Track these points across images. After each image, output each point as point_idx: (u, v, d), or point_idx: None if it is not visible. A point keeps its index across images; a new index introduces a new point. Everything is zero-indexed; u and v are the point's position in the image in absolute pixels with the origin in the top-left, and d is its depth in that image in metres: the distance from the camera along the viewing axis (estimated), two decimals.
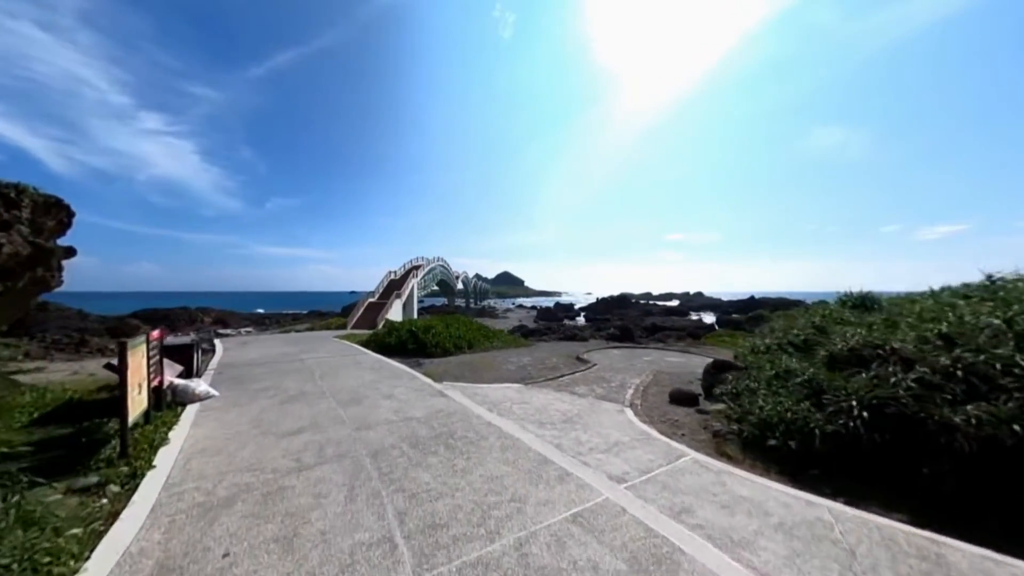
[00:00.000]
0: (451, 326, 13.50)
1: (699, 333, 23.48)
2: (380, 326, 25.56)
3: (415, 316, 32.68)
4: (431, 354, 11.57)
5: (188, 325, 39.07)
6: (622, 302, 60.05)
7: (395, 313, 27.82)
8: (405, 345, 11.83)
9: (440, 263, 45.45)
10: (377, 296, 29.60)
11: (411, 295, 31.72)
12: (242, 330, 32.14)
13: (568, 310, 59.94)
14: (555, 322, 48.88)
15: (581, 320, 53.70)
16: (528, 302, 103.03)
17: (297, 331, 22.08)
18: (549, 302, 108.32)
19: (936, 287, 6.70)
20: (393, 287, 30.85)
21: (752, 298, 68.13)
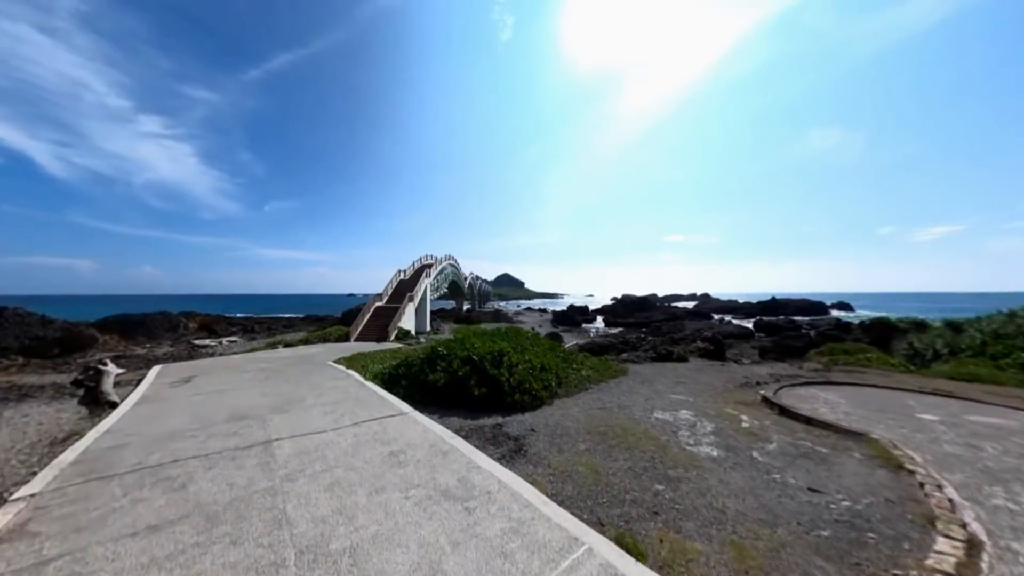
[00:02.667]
0: (526, 350, 8.19)
1: (791, 346, 18.36)
2: (392, 336, 20.16)
3: (428, 323, 27.30)
4: (517, 406, 6.27)
5: (168, 332, 33.43)
6: (643, 304, 55.00)
7: (408, 319, 22.48)
8: (464, 387, 6.50)
9: (450, 262, 40.10)
10: (386, 299, 24.21)
11: (424, 298, 26.44)
12: (224, 340, 26.58)
13: (584, 312, 54.88)
14: (575, 326, 43.77)
15: (600, 323, 48.64)
16: (536, 304, 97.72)
17: (287, 344, 16.62)
18: (552, 304, 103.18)
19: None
20: (404, 288, 25.48)
21: (774, 299, 63.52)
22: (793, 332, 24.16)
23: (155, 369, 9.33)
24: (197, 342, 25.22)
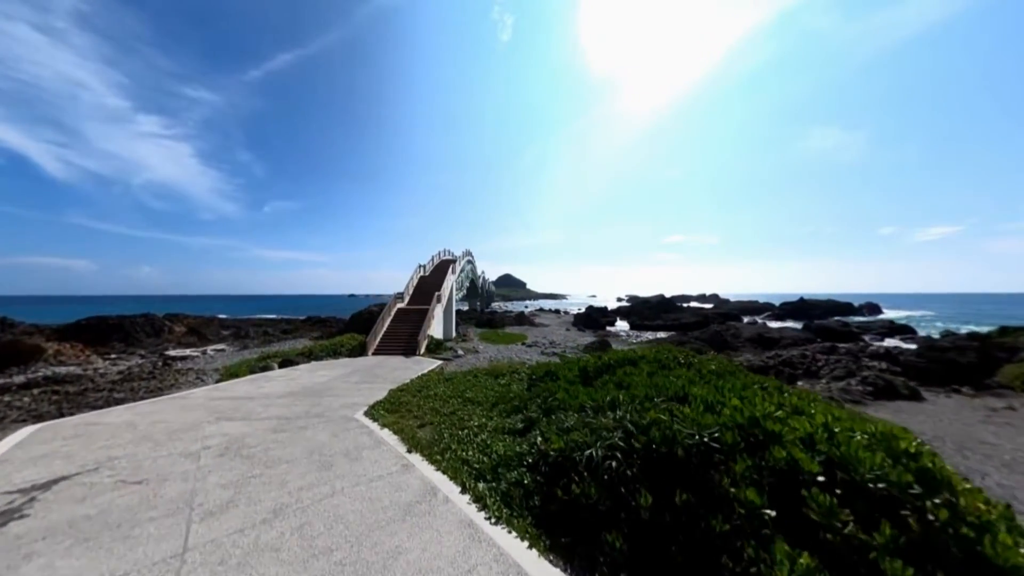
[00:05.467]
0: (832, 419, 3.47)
1: (954, 361, 13.69)
2: (423, 348, 15.21)
3: (454, 328, 22.43)
4: None
5: (150, 337, 28.34)
6: (668, 305, 50.40)
7: (437, 325, 17.67)
8: None
9: (468, 259, 35.26)
10: (407, 300, 19.32)
11: (450, 300, 21.61)
12: (209, 348, 21.59)
13: (605, 314, 50.25)
14: (599, 329, 39.10)
15: (623, 325, 43.99)
16: (541, 304, 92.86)
17: (285, 360, 11.72)
18: (558, 304, 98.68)
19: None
20: (428, 287, 20.60)
21: (802, 300, 59.06)
22: (945, 345, 19.30)
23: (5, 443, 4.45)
24: (174, 353, 20.14)
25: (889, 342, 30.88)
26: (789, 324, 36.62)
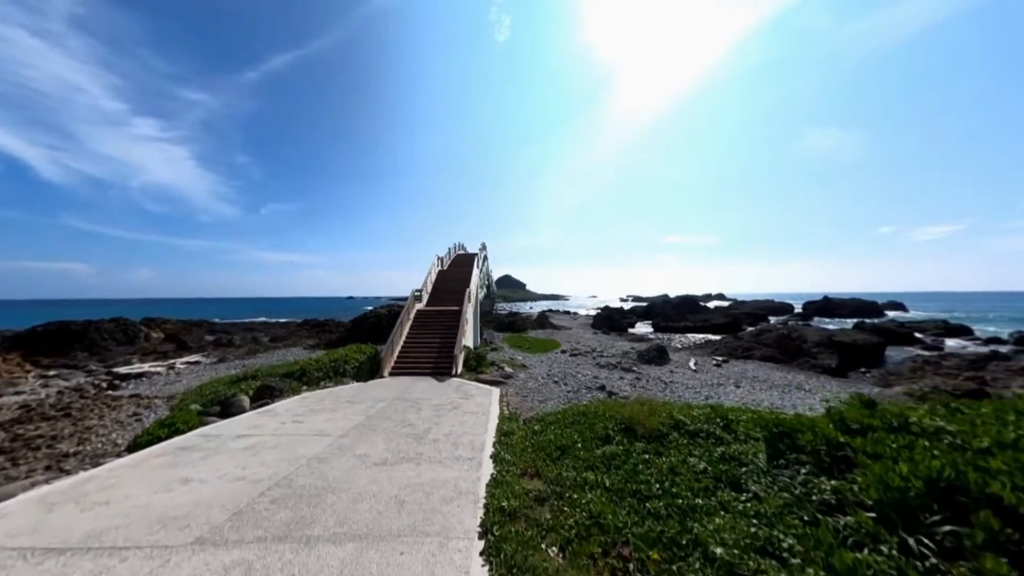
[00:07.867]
0: None
1: None
2: (460, 364, 10.68)
3: (479, 336, 18.22)
4: None
5: (122, 345, 23.80)
6: (693, 305, 46.49)
7: (470, 334, 13.51)
8: None
9: (485, 253, 31.01)
10: (426, 300, 15.03)
11: (476, 300, 17.39)
12: (178, 362, 17.15)
13: (623, 315, 46.21)
14: (621, 331, 35.05)
15: (644, 327, 39.86)
16: (544, 306, 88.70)
17: (265, 389, 7.40)
18: (559, 305, 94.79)
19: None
20: (449, 285, 16.36)
21: (827, 299, 55.25)
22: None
23: None
24: (126, 369, 15.62)
25: (952, 343, 27.06)
26: (832, 325, 32.63)
